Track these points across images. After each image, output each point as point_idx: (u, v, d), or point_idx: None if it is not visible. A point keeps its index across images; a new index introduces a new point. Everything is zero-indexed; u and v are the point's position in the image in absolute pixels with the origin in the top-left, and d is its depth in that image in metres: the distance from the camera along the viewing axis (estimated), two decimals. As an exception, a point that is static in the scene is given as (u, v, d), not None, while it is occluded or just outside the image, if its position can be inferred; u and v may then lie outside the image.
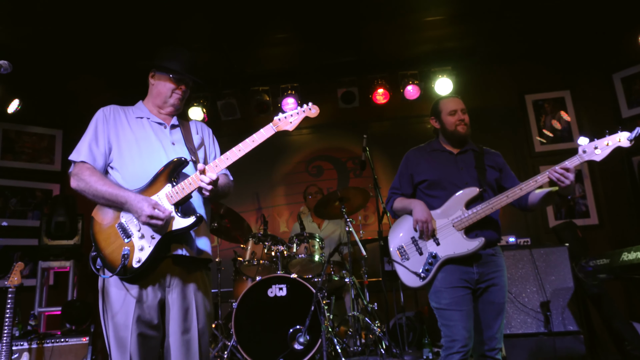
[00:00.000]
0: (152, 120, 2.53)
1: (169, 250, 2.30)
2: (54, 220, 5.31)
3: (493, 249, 2.85)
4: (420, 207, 2.87)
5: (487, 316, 2.77)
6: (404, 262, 2.87)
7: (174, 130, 2.55)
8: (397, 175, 3.13)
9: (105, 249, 2.29)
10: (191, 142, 2.54)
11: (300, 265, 4.84)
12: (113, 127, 2.46)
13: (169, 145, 2.46)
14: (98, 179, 2.32)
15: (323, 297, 4.27)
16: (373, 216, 6.44)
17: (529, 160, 6.27)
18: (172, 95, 2.54)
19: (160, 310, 2.29)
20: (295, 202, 6.57)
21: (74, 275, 5.37)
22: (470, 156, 2.99)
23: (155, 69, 2.57)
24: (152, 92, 2.60)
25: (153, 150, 2.41)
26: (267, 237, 4.80)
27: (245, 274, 4.90)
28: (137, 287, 2.26)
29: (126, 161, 2.40)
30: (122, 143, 2.43)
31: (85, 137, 2.45)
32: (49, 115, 6.19)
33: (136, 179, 2.34)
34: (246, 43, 5.63)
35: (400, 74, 6.34)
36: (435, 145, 3.09)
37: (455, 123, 2.98)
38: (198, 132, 2.66)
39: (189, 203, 2.38)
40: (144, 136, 2.45)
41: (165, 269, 2.31)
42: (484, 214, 2.78)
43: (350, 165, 6.72)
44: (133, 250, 2.24)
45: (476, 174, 2.90)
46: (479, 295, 2.80)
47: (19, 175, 5.95)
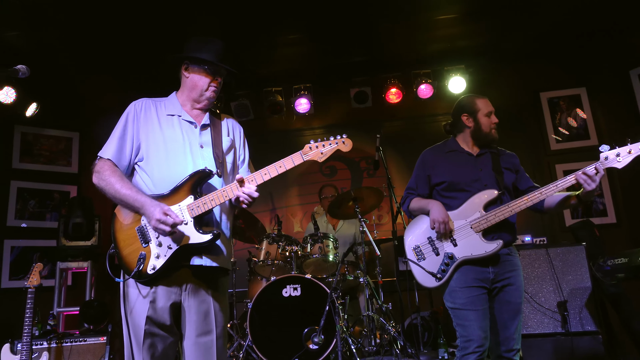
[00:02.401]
0: (183, 118, 2.46)
1: (187, 260, 2.28)
2: (72, 221, 5.38)
3: (508, 249, 2.83)
4: (437, 207, 2.85)
5: (504, 316, 2.74)
6: (420, 262, 2.85)
7: (204, 131, 2.47)
8: (413, 176, 3.10)
9: (123, 249, 2.30)
10: (220, 146, 2.46)
11: (315, 265, 4.84)
12: (143, 124, 2.42)
13: (196, 149, 2.41)
14: (118, 179, 2.30)
15: (337, 297, 4.26)
16: (387, 216, 6.42)
17: (545, 159, 6.20)
18: (208, 88, 2.47)
19: (173, 312, 2.29)
20: (309, 203, 6.58)
21: (91, 276, 5.44)
22: (489, 158, 2.96)
23: (189, 61, 2.49)
24: (186, 85, 2.51)
25: (179, 154, 2.37)
26: (281, 237, 4.81)
27: (260, 274, 4.91)
28: (152, 288, 2.27)
29: (152, 163, 2.37)
30: (150, 142, 2.39)
31: (114, 134, 2.41)
32: (65, 118, 6.27)
33: (161, 183, 2.33)
34: (258, 44, 5.64)
35: (413, 73, 6.31)
36: (453, 145, 3.04)
37: (491, 126, 2.95)
38: (229, 133, 2.58)
39: (210, 215, 2.35)
40: (172, 137, 2.40)
41: (182, 274, 2.30)
42: (503, 217, 2.75)
43: (364, 165, 6.71)
44: (149, 256, 2.24)
45: (495, 176, 2.87)
46: (494, 295, 2.78)
47: (37, 177, 6.04)
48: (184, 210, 2.26)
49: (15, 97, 5.39)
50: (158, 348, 2.26)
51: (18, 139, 6.00)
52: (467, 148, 3.00)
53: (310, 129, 6.81)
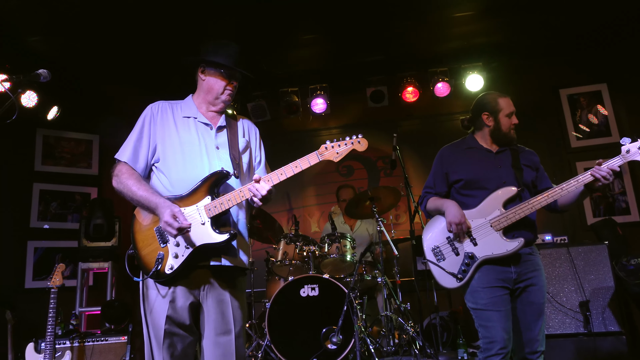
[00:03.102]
0: (199, 120, 2.50)
1: (206, 260, 2.30)
2: (92, 222, 5.46)
3: (530, 248, 2.78)
4: (453, 208, 2.81)
5: (527, 317, 2.69)
6: (440, 262, 2.81)
7: (220, 132, 2.50)
8: (430, 174, 3.07)
9: (142, 249, 2.33)
10: (236, 147, 2.49)
11: (332, 265, 4.84)
12: (160, 127, 2.46)
13: (212, 150, 2.43)
14: (134, 182, 2.34)
15: (355, 297, 4.25)
16: (405, 215, 6.39)
17: (565, 157, 6.11)
18: (224, 92, 2.50)
19: (192, 312, 2.31)
20: (326, 202, 6.58)
21: (112, 276, 5.51)
22: (508, 155, 2.91)
23: (205, 64, 2.52)
24: (202, 88, 2.55)
25: (196, 156, 2.40)
26: (299, 237, 4.82)
27: (278, 274, 4.92)
28: (171, 288, 2.29)
29: (169, 165, 2.41)
30: (167, 144, 2.43)
31: (131, 137, 2.46)
32: (85, 121, 6.36)
33: (178, 184, 2.36)
34: (274, 44, 5.66)
35: (430, 72, 6.27)
36: (471, 142, 3.00)
37: (511, 126, 2.91)
38: (245, 134, 2.61)
39: (227, 216, 2.37)
40: (188, 139, 2.43)
41: (201, 274, 2.32)
42: (523, 214, 2.71)
43: (381, 165, 6.69)
44: (167, 256, 2.27)
45: (514, 173, 2.83)
46: (517, 295, 2.73)
47: (59, 179, 6.14)
48: (201, 210, 2.28)
49: (37, 101, 5.49)
50: (178, 347, 2.28)
51: (40, 142, 6.11)
52: (486, 145, 2.96)
53: (327, 129, 6.81)
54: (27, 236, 5.87)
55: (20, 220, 5.85)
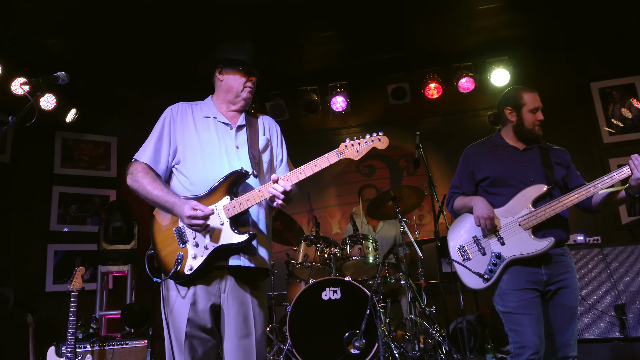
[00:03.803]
0: (218, 120, 2.53)
1: (225, 261, 2.32)
2: (111, 225, 5.54)
3: (562, 249, 2.73)
4: (481, 202, 2.78)
5: (559, 321, 2.64)
6: (466, 262, 2.79)
7: (239, 132, 2.53)
8: (456, 174, 3.04)
9: (161, 250, 2.36)
10: (256, 146, 2.51)
11: (354, 268, 4.82)
12: (180, 128, 2.50)
13: (232, 150, 2.46)
14: (149, 180, 2.38)
15: (378, 300, 4.23)
16: (429, 216, 6.34)
17: (597, 153, 5.98)
18: (243, 89, 2.53)
19: (213, 314, 2.33)
20: (347, 203, 6.56)
21: (131, 279, 5.59)
22: (536, 152, 2.87)
23: (222, 64, 2.56)
24: (221, 88, 2.58)
25: (215, 156, 2.42)
26: (320, 239, 4.81)
27: (299, 277, 4.93)
28: (191, 290, 2.31)
29: (189, 165, 2.44)
30: (187, 145, 2.46)
31: (151, 138, 2.50)
32: (104, 123, 6.47)
33: (198, 184, 2.38)
34: (292, 42, 5.67)
35: (453, 67, 6.21)
36: (497, 140, 2.97)
37: (535, 123, 2.86)
38: (265, 132, 2.63)
39: (247, 216, 2.38)
40: (208, 139, 2.46)
41: (221, 275, 2.34)
42: (554, 212, 2.65)
43: (403, 164, 6.65)
44: (186, 256, 2.29)
45: (543, 171, 2.78)
46: (548, 298, 2.68)
47: (78, 182, 6.26)
48: (220, 210, 2.30)
49: (56, 104, 5.60)
50: (199, 351, 2.30)
51: (59, 144, 6.23)
52: (513, 143, 2.92)
53: (347, 127, 6.79)
54: (47, 239, 5.99)
55: (40, 224, 5.98)
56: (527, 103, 2.88)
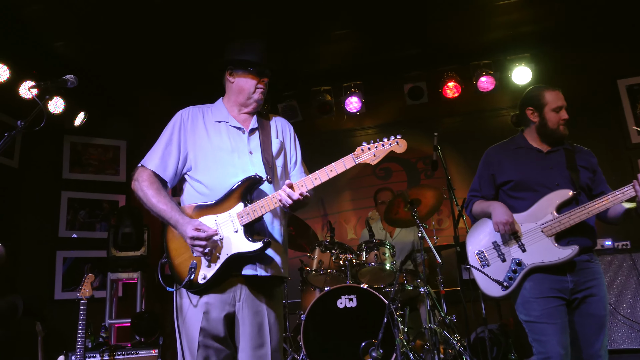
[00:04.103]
0: (230, 124, 2.54)
1: (239, 269, 2.33)
2: (121, 231, 5.61)
3: (588, 255, 2.71)
4: (500, 208, 2.77)
5: (587, 331, 2.62)
6: (484, 268, 2.77)
7: (252, 136, 2.54)
8: (476, 176, 3.03)
9: (175, 258, 2.39)
10: (269, 150, 2.52)
11: (371, 275, 4.81)
12: (190, 133, 2.51)
13: (245, 155, 2.47)
14: (154, 193, 2.40)
15: (396, 308, 4.22)
16: (448, 220, 6.30)
17: (625, 153, 5.90)
18: (255, 91, 2.54)
19: (227, 324, 2.34)
20: (363, 207, 6.55)
21: (141, 287, 5.64)
22: (561, 155, 2.84)
23: (233, 65, 2.57)
24: (232, 90, 2.59)
25: (228, 162, 2.43)
26: (335, 244, 4.81)
27: (313, 284, 4.93)
28: (205, 299, 2.33)
29: (201, 172, 2.46)
30: (198, 151, 2.48)
31: (159, 144, 2.51)
32: (112, 127, 6.55)
33: (211, 192, 2.40)
34: (304, 41, 5.68)
35: (473, 65, 6.18)
36: (520, 141, 2.95)
37: (560, 122, 2.84)
38: (278, 135, 2.63)
39: (261, 223, 2.39)
40: (219, 145, 2.47)
41: (235, 284, 2.36)
42: (578, 220, 2.63)
43: (421, 166, 6.62)
44: (200, 265, 2.31)
45: (569, 175, 2.76)
46: (575, 307, 2.66)
47: (87, 187, 6.35)
48: (233, 218, 2.31)
49: (64, 107, 5.68)
50: None
51: (67, 148, 6.32)
52: (536, 144, 2.89)
53: (362, 129, 6.79)
54: (56, 246, 6.08)
55: (49, 230, 6.07)
56: (549, 102, 2.86)
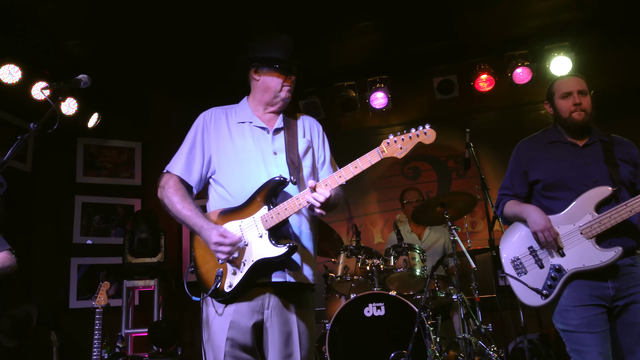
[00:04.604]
0: (254, 124, 2.57)
1: (266, 276, 2.35)
2: (137, 237, 5.70)
3: (632, 258, 2.67)
4: (536, 214, 2.74)
5: (629, 341, 2.59)
6: (521, 276, 2.75)
7: (277, 135, 2.56)
8: (507, 173, 3.01)
9: (201, 267, 2.44)
10: (295, 151, 2.53)
11: (400, 281, 4.81)
12: (214, 135, 2.56)
13: (269, 156, 2.49)
14: (180, 199, 2.45)
15: (427, 316, 4.20)
16: (482, 222, 6.25)
17: (674, 148, 5.76)
18: (282, 89, 2.56)
19: (255, 333, 2.37)
20: (390, 210, 6.54)
21: (158, 295, 5.72)
22: (599, 148, 2.80)
23: (258, 63, 2.59)
24: (257, 88, 2.62)
25: (252, 164, 2.47)
26: (361, 249, 4.82)
27: (338, 292, 4.94)
28: (232, 308, 2.36)
29: (225, 175, 2.50)
30: (222, 154, 2.53)
31: (183, 148, 2.57)
32: (127, 128, 6.66)
33: (235, 195, 2.44)
34: (327, 34, 5.69)
35: (507, 56, 6.12)
36: (554, 135, 2.92)
37: (570, 109, 2.81)
38: (305, 134, 2.66)
39: (287, 227, 2.41)
40: (243, 146, 2.51)
41: (263, 292, 2.38)
42: (620, 218, 2.59)
43: (452, 165, 6.58)
44: (226, 273, 2.35)
45: (607, 170, 2.72)
46: (616, 315, 2.63)
47: (101, 191, 6.48)
48: (257, 222, 2.34)
49: (77, 108, 5.80)
50: None
51: (81, 151, 6.46)
52: (570, 138, 2.85)
53: (389, 126, 6.77)
54: (70, 253, 6.22)
55: (63, 236, 6.21)
56: (556, 90, 2.89)
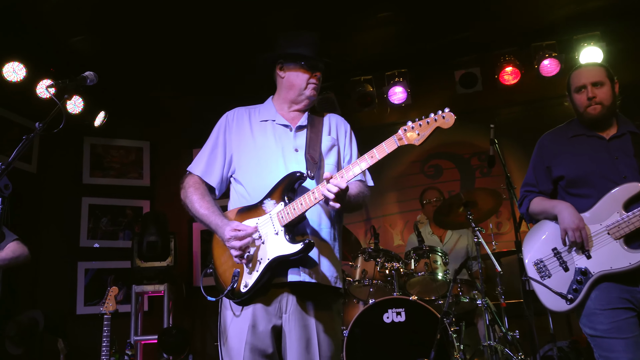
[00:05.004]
0: (277, 122, 2.63)
1: (283, 276, 2.36)
2: (146, 240, 5.74)
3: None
4: (568, 211, 2.71)
5: None
6: (545, 280, 2.72)
7: (299, 132, 2.61)
8: (529, 168, 2.99)
9: (219, 267, 2.49)
10: (316, 147, 2.56)
11: (421, 285, 4.80)
12: (236, 135, 2.63)
13: (290, 153, 2.54)
14: (198, 198, 2.52)
15: (450, 323, 4.19)
16: (508, 223, 6.21)
17: None
18: (307, 87, 2.61)
19: (275, 338, 2.39)
20: (410, 210, 6.53)
21: (168, 300, 5.76)
22: (627, 141, 2.77)
23: (283, 59, 2.65)
24: (282, 86, 2.68)
25: (271, 161, 2.51)
26: (379, 252, 4.82)
27: (356, 297, 4.94)
28: (250, 310, 2.38)
29: (244, 174, 2.57)
30: (242, 153, 2.59)
31: (205, 148, 2.66)
32: (135, 127, 6.71)
33: (253, 193, 2.49)
34: (341, 26, 5.69)
35: (534, 47, 6.07)
36: (578, 127, 2.90)
37: (584, 104, 2.79)
38: (331, 132, 2.69)
39: (305, 223, 2.42)
40: (263, 144, 2.57)
41: (281, 293, 2.39)
42: None
43: (476, 163, 6.55)
44: (242, 272, 2.38)
45: (637, 165, 2.68)
46: None
47: (108, 192, 6.55)
48: (274, 219, 2.37)
49: (83, 107, 5.87)
50: None
51: (88, 151, 6.53)
52: (596, 130, 2.82)
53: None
54: (78, 257, 6.29)
55: (69, 239, 6.29)
56: (571, 84, 2.88)
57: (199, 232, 6.57)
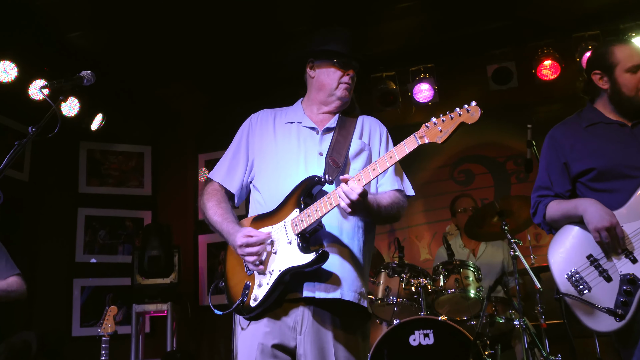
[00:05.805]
0: (303, 125, 2.65)
1: (297, 290, 2.34)
2: (147, 254, 5.77)
3: None
4: (594, 207, 2.55)
5: None
6: (584, 295, 2.57)
7: (326, 135, 2.61)
8: (541, 168, 2.85)
9: (230, 279, 2.52)
10: (342, 151, 2.54)
11: (451, 304, 4.78)
12: (259, 138, 2.68)
13: (313, 158, 2.54)
14: (213, 204, 2.57)
15: (484, 346, 4.16)
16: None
17: None
18: (338, 87, 2.62)
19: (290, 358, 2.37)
20: (439, 220, 6.51)
21: (172, 321, 5.76)
22: None
23: (313, 57, 2.68)
24: (312, 86, 2.71)
25: (291, 165, 2.52)
26: (405, 267, 4.80)
27: (379, 317, 4.93)
28: (260, 327, 2.37)
29: (262, 179, 2.61)
30: (263, 157, 2.63)
31: (227, 153, 2.71)
32: (135, 130, 6.76)
33: (270, 200, 2.51)
34: (362, 18, 5.70)
35: (575, 37, 6.05)
36: (592, 115, 2.80)
37: (638, 87, 2.66)
38: (363, 136, 2.69)
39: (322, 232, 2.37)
40: (285, 147, 2.59)
41: (294, 310, 2.37)
42: None
43: (511, 167, 6.52)
44: (253, 285, 2.39)
45: None
46: None
47: (107, 202, 6.60)
48: (288, 227, 2.38)
49: (79, 109, 5.89)
50: None
51: (84, 157, 6.59)
52: (615, 117, 2.75)
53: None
54: (73, 273, 6.33)
55: (65, 254, 6.34)
56: (620, 61, 2.70)
57: (206, 245, 6.58)
